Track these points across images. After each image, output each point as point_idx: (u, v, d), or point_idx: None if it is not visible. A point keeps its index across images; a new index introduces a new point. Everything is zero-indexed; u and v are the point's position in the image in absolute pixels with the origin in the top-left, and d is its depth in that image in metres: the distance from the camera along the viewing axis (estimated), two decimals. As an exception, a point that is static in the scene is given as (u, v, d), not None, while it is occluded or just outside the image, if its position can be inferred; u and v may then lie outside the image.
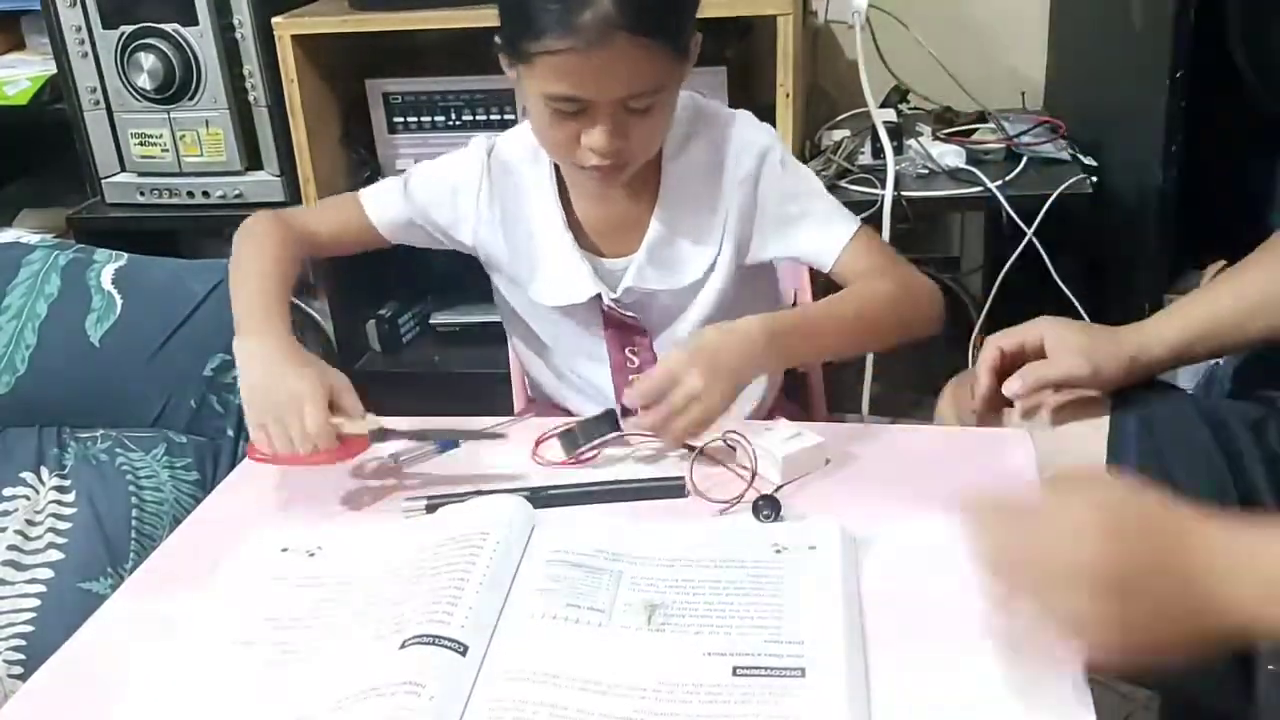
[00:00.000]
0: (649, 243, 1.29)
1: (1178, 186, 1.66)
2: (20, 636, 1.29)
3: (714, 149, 1.30)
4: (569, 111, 1.15)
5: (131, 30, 1.99)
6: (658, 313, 1.34)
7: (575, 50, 1.09)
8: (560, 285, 1.32)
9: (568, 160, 1.22)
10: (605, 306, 1.32)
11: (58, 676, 0.91)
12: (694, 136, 1.30)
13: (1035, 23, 2.28)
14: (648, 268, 1.30)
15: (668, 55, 1.14)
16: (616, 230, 1.31)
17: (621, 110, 1.15)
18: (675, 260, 1.31)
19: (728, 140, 1.29)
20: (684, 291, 1.32)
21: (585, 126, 1.16)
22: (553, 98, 1.15)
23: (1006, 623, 0.80)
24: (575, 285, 1.31)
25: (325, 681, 0.84)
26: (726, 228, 1.30)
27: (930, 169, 2.00)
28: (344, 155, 2.15)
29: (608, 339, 1.35)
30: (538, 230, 1.31)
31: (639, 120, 1.17)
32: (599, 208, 1.31)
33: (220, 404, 1.56)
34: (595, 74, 1.12)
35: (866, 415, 2.06)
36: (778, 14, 1.84)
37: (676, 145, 1.29)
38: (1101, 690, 0.85)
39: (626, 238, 1.31)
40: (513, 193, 1.32)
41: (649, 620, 0.87)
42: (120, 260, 1.61)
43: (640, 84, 1.14)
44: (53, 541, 1.39)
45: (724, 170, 1.29)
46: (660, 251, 1.30)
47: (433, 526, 1.00)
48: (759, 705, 0.78)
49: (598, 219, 1.31)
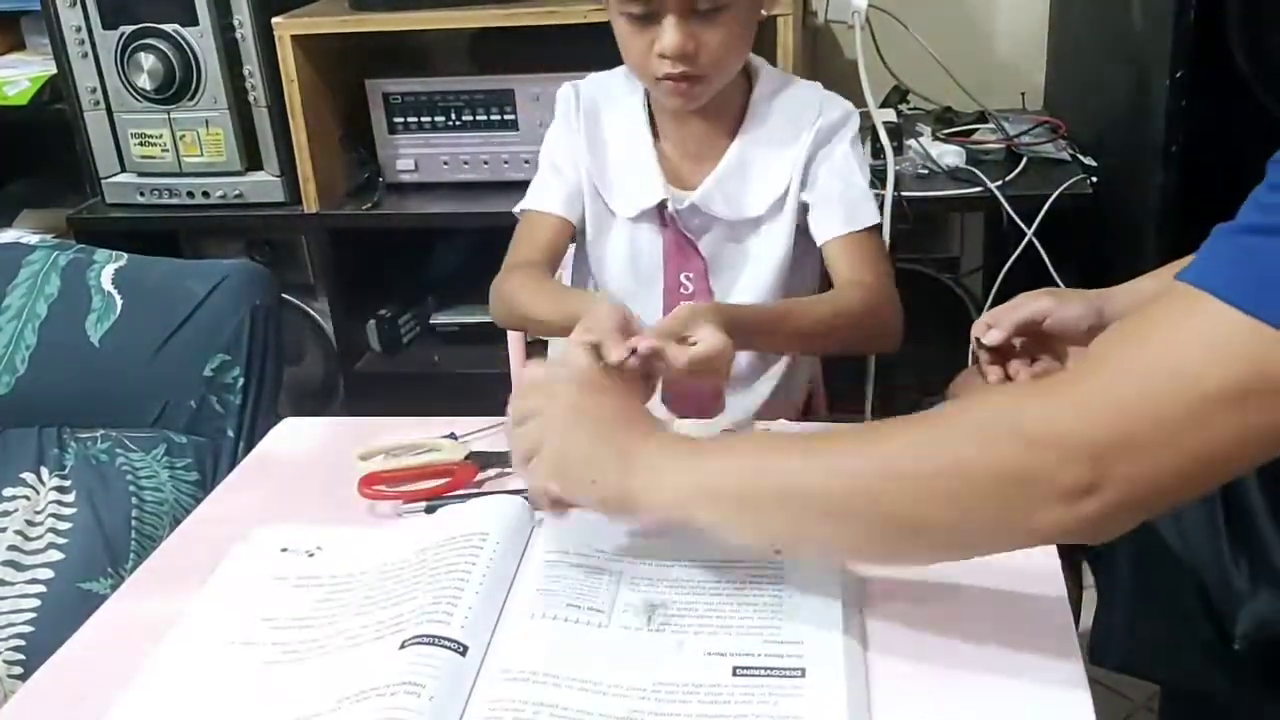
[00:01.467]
0: (721, 169, 1.35)
1: (1178, 186, 1.66)
2: (20, 636, 1.29)
3: (801, 100, 1.37)
4: (640, 16, 1.23)
5: (131, 30, 1.99)
6: (717, 243, 1.38)
7: None
8: (634, 194, 1.37)
9: (647, 73, 1.28)
10: (668, 214, 1.36)
11: (58, 676, 0.91)
12: (782, 89, 1.38)
13: (1035, 23, 2.28)
14: (715, 192, 1.35)
15: None
16: (695, 158, 1.37)
17: (692, 15, 1.22)
18: (744, 191, 1.36)
19: (815, 99, 1.38)
20: (745, 225, 1.37)
21: (658, 34, 1.23)
22: (624, 1, 1.23)
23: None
24: (648, 192, 1.36)
25: (325, 681, 0.83)
26: (795, 168, 1.35)
27: (930, 169, 2.00)
28: (344, 155, 2.16)
29: (666, 257, 1.39)
30: (624, 150, 1.39)
31: (707, 28, 1.23)
32: (681, 134, 1.37)
33: (220, 404, 1.56)
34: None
35: (867, 415, 2.06)
36: (778, 14, 1.84)
37: (765, 91, 1.37)
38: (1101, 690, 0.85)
39: (702, 168, 1.36)
40: (604, 115, 1.40)
41: (649, 620, 0.87)
42: (120, 260, 1.61)
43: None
44: (53, 542, 1.39)
45: (805, 118, 1.35)
46: (731, 180, 1.35)
47: (432, 527, 1.00)
48: (759, 705, 0.78)
49: (679, 145, 1.38)
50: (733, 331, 1.10)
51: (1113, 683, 1.58)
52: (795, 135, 1.35)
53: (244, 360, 1.56)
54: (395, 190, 2.13)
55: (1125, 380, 0.73)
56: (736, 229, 1.37)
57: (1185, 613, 1.03)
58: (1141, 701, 1.72)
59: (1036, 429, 0.74)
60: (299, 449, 1.22)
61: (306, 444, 1.23)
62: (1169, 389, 0.71)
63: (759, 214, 1.36)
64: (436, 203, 2.12)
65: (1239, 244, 0.73)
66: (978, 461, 0.76)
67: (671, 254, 1.39)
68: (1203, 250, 0.75)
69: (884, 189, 1.92)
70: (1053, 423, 0.74)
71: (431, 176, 2.11)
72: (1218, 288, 0.71)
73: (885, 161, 1.96)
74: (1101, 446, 0.72)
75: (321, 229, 2.13)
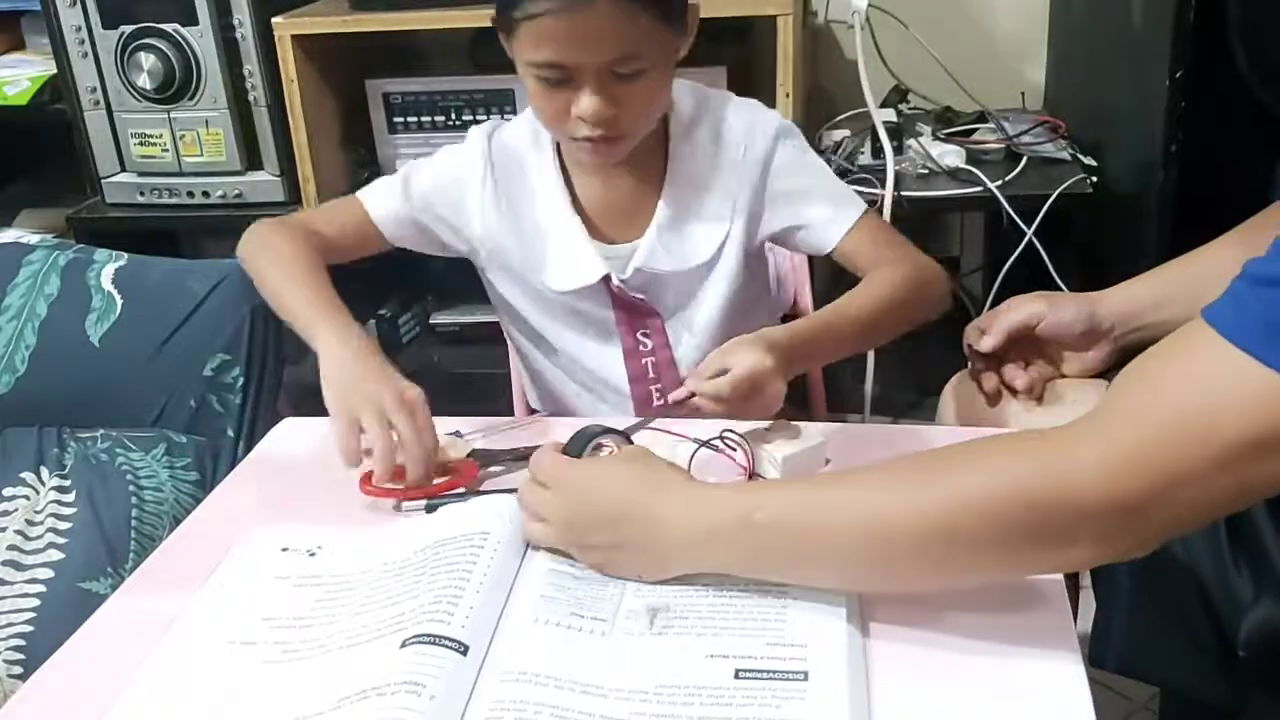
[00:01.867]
0: (657, 224, 1.29)
1: (1178, 186, 1.66)
2: (20, 636, 1.28)
3: (721, 130, 1.30)
4: (555, 80, 1.15)
5: (131, 30, 1.99)
6: (668, 295, 1.33)
7: (554, 13, 1.10)
8: (569, 269, 1.30)
9: (561, 133, 1.22)
10: (614, 287, 1.30)
11: (58, 676, 0.90)
12: (700, 120, 1.30)
13: (1035, 23, 2.28)
14: (658, 248, 1.30)
15: (654, 20, 1.14)
16: (623, 214, 1.31)
17: (609, 77, 1.15)
18: (684, 241, 1.30)
19: (737, 122, 1.30)
20: (693, 273, 1.32)
21: (574, 96, 1.16)
22: (538, 64, 1.15)
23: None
24: (584, 267, 1.30)
25: (325, 681, 0.83)
26: (736, 207, 1.29)
27: (930, 169, 2.00)
28: (344, 155, 2.15)
29: (618, 322, 1.34)
30: (543, 216, 1.31)
31: (628, 89, 1.16)
32: (604, 192, 1.30)
33: (220, 404, 1.56)
34: (577, 38, 1.11)
35: (867, 415, 2.06)
36: (778, 14, 1.84)
37: (683, 128, 1.29)
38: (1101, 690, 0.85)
39: (633, 222, 1.30)
40: (517, 179, 1.32)
41: (650, 624, 0.87)
42: (120, 260, 1.61)
43: (624, 48, 1.13)
44: (53, 541, 1.39)
45: (734, 150, 1.29)
46: (669, 233, 1.30)
47: (433, 526, 1.00)
48: (761, 708, 0.78)
49: (603, 203, 1.31)
50: (786, 357, 1.08)
51: (1113, 683, 1.57)
52: (725, 176, 1.29)
53: (244, 360, 1.56)
54: (395, 190, 2.13)
55: (1154, 435, 0.74)
56: (683, 276, 1.32)
57: (1185, 617, 1.03)
58: (1141, 701, 1.72)
59: (1072, 489, 0.76)
60: (299, 449, 1.22)
61: (306, 444, 1.23)
62: (1199, 452, 0.73)
63: (705, 259, 1.31)
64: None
65: (1268, 298, 0.73)
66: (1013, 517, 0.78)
67: (623, 319, 1.34)
68: (1232, 293, 0.76)
69: (884, 189, 1.92)
70: (1086, 488, 0.75)
71: (431, 176, 2.10)
72: (1247, 343, 0.72)
73: (885, 161, 1.96)
74: (1135, 502, 0.74)
75: (321, 229, 2.13)
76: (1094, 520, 0.76)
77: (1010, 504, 0.77)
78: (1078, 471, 0.75)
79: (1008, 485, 0.78)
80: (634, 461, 0.95)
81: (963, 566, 0.83)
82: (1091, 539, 0.77)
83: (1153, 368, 0.79)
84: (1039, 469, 0.77)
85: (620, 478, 0.93)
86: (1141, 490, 0.74)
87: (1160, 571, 1.02)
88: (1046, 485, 0.76)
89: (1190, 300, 1.13)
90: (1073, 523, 0.76)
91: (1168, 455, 0.74)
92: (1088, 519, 0.76)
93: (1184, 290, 1.19)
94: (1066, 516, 0.76)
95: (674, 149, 1.29)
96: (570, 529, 0.93)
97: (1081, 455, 0.76)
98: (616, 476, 0.93)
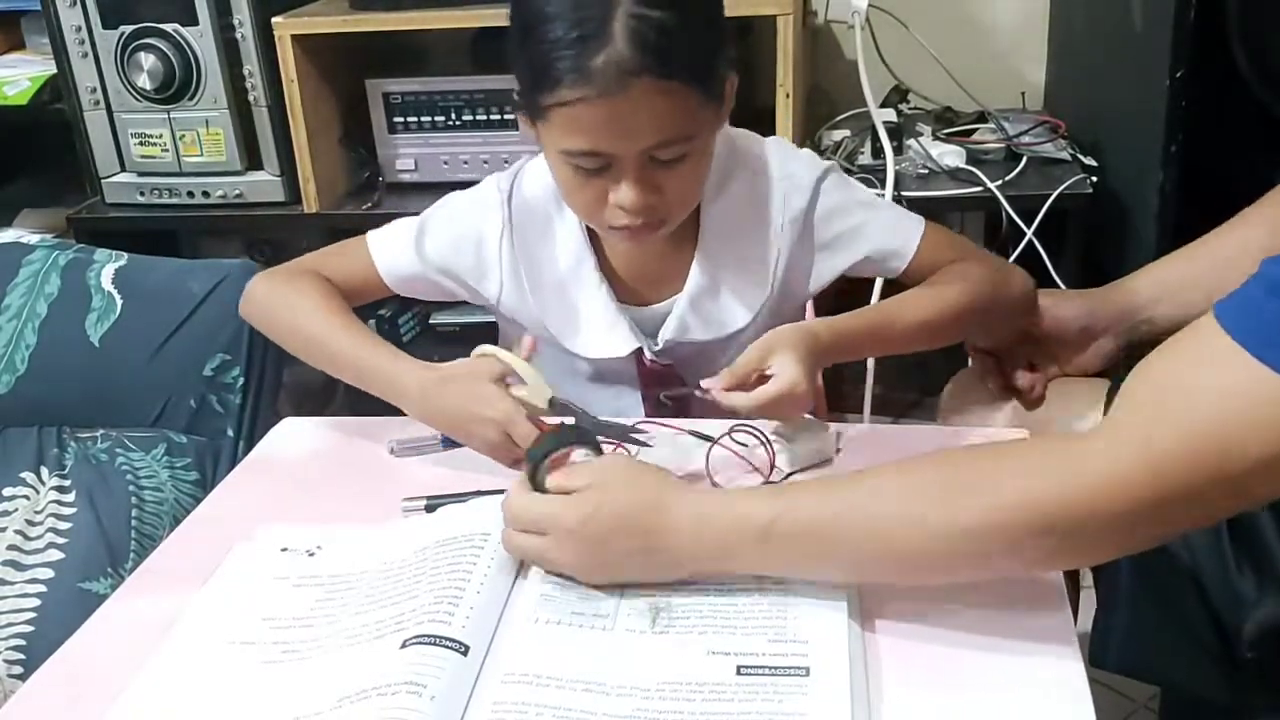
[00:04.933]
0: (690, 292, 1.21)
1: (1178, 186, 1.66)
2: (20, 636, 1.28)
3: (756, 187, 1.21)
4: (592, 169, 1.07)
5: (131, 30, 1.99)
6: (698, 360, 1.23)
7: (590, 100, 1.00)
8: (597, 338, 1.23)
9: (598, 221, 1.13)
10: (647, 361, 1.23)
11: (58, 676, 0.90)
12: (732, 175, 1.21)
13: (1035, 23, 2.28)
14: (690, 317, 1.22)
15: (696, 99, 1.05)
16: (652, 276, 1.23)
17: (649, 163, 1.06)
18: (720, 309, 1.22)
19: (770, 177, 1.22)
20: (728, 339, 1.23)
21: (611, 184, 1.07)
22: (572, 154, 1.06)
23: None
24: (614, 338, 1.22)
25: (325, 681, 0.83)
26: (778, 270, 1.22)
27: (930, 169, 2.00)
28: (344, 155, 2.15)
29: (642, 383, 1.26)
30: (569, 280, 1.23)
31: (670, 173, 1.07)
32: (633, 254, 1.22)
33: (220, 404, 1.56)
34: (617, 124, 1.02)
35: (867, 416, 2.06)
36: (778, 14, 1.84)
37: (714, 187, 1.20)
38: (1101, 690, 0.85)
39: (663, 284, 1.23)
40: (538, 239, 1.23)
41: (653, 623, 0.87)
42: (120, 260, 1.61)
43: (666, 133, 1.04)
44: (53, 541, 1.39)
45: (773, 209, 1.21)
46: (704, 300, 1.22)
47: (433, 526, 1.00)
48: (763, 704, 0.78)
49: (632, 266, 1.23)
50: (823, 358, 1.07)
51: (1113, 683, 1.57)
52: (764, 238, 1.21)
53: (244, 360, 1.56)
54: (395, 190, 2.13)
55: (1168, 449, 0.74)
56: (716, 343, 1.23)
57: (1186, 616, 1.03)
58: (1142, 701, 1.72)
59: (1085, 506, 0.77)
60: (299, 449, 1.22)
61: (306, 444, 1.23)
62: (1214, 470, 0.73)
63: (741, 326, 1.22)
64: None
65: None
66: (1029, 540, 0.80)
67: (649, 385, 1.25)
68: (1248, 294, 0.75)
69: (884, 189, 1.92)
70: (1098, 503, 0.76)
71: (431, 176, 2.10)
72: (1261, 350, 0.71)
73: (885, 161, 1.96)
74: (1146, 515, 0.76)
75: (321, 229, 2.13)
76: (1105, 531, 0.78)
77: (1028, 529, 0.79)
78: (1090, 489, 0.76)
79: (1025, 510, 0.79)
80: (623, 487, 0.91)
81: (973, 576, 0.86)
82: (1101, 548, 0.82)
83: (1162, 371, 0.79)
84: (1053, 490, 0.78)
85: (619, 508, 0.89)
86: (1154, 503, 0.75)
87: (1161, 571, 1.02)
88: (1063, 505, 0.77)
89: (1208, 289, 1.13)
90: (1086, 536, 0.79)
91: (1181, 471, 0.74)
92: (1100, 531, 0.78)
93: (1204, 276, 1.19)
94: (1080, 531, 0.78)
95: (706, 207, 1.20)
96: (582, 571, 0.90)
97: (1094, 469, 0.77)
98: (615, 508, 0.89)
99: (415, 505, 1.07)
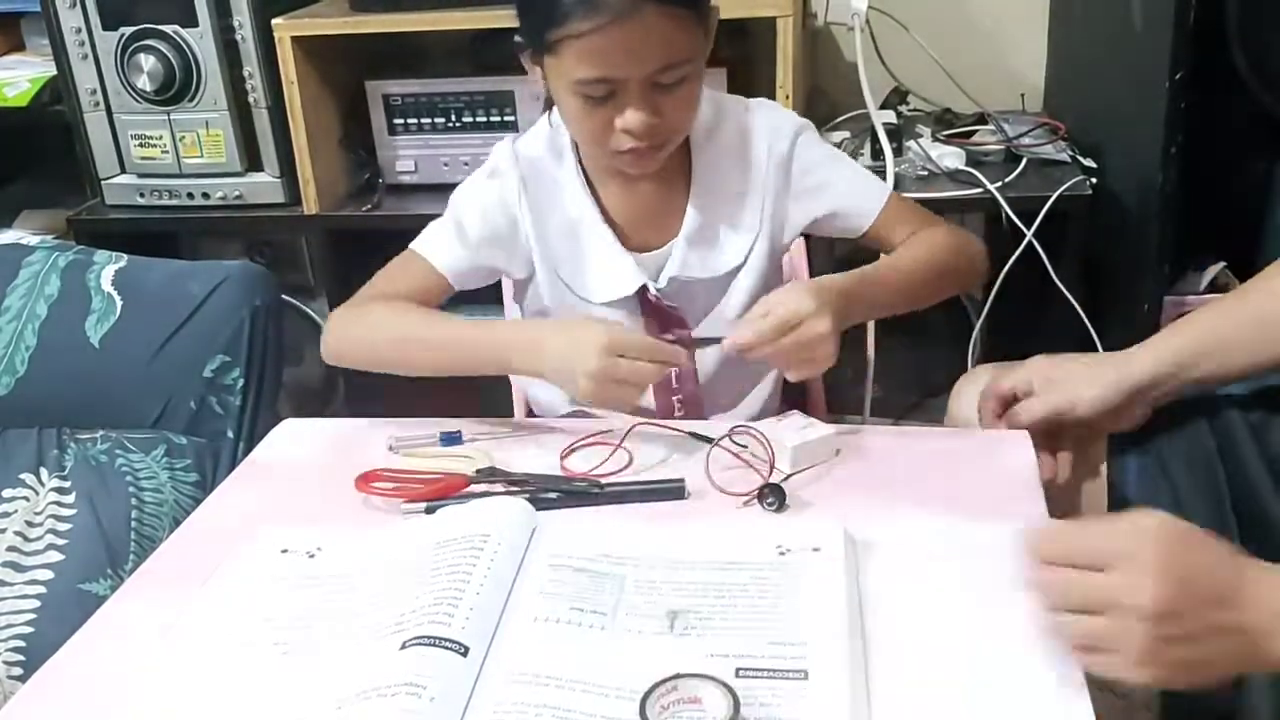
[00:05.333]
0: (687, 231, 1.30)
1: (1178, 187, 1.66)
2: (20, 637, 1.29)
3: (742, 134, 1.31)
4: (600, 96, 1.15)
5: (131, 32, 1.99)
6: (697, 301, 1.33)
7: (602, 29, 1.09)
8: (607, 279, 1.30)
9: (603, 148, 1.21)
10: (651, 296, 1.30)
11: (58, 677, 0.90)
12: (720, 125, 1.31)
13: (1035, 23, 2.28)
14: (690, 255, 1.30)
15: (693, 22, 1.15)
16: (650, 222, 1.31)
17: (652, 87, 1.15)
18: (715, 248, 1.31)
19: (755, 125, 1.31)
20: (722, 278, 1.32)
21: (617, 110, 1.15)
22: (584, 82, 1.14)
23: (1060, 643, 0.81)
24: (621, 277, 1.30)
25: (325, 682, 0.83)
26: (764, 211, 1.31)
27: (930, 171, 2.00)
28: (344, 157, 2.15)
29: (647, 329, 1.31)
30: (574, 227, 1.31)
31: (671, 96, 1.16)
32: (630, 200, 1.30)
33: (220, 405, 1.56)
34: (626, 50, 1.11)
35: (867, 417, 2.06)
36: (777, 15, 1.84)
37: (703, 133, 1.30)
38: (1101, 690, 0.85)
39: (660, 229, 1.31)
40: (547, 193, 1.31)
41: (671, 626, 0.87)
42: (120, 262, 1.61)
43: (671, 56, 1.13)
44: (52, 543, 1.39)
45: (758, 154, 1.30)
46: (699, 239, 1.30)
47: (433, 527, 1.00)
48: (761, 707, 0.78)
49: (630, 211, 1.31)
50: (839, 299, 1.10)
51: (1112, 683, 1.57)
52: (752, 181, 1.30)
53: (244, 361, 1.56)
54: (395, 191, 2.13)
55: None
56: (715, 281, 1.32)
57: None
58: (1142, 701, 1.71)
59: None
60: (299, 450, 1.22)
61: (306, 445, 1.23)
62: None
63: (736, 264, 1.32)
64: (437, 204, 2.05)
65: None
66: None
67: (652, 327, 1.31)
68: None
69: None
70: None
71: (431, 178, 2.10)
72: None
73: (885, 163, 1.96)
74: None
75: (321, 230, 2.13)
76: None
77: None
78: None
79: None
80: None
81: None
82: None
83: None
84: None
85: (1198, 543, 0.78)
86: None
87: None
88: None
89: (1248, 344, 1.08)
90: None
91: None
92: None
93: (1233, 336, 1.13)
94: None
95: (697, 155, 1.30)
96: (1163, 622, 0.76)
97: None
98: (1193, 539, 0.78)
99: (415, 506, 1.07)
